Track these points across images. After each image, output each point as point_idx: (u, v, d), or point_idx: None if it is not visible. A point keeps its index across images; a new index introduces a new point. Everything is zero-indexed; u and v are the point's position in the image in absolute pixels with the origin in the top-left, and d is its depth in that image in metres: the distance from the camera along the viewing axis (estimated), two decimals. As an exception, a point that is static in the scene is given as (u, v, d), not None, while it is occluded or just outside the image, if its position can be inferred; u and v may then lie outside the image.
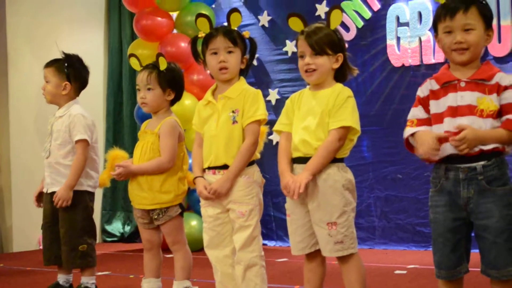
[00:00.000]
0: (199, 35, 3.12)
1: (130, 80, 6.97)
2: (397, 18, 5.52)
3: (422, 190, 5.29)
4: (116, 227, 7.06)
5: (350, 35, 5.72)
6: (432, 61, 5.32)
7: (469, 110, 2.40)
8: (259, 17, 6.28)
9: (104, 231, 7.07)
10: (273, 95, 6.15)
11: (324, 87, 2.81)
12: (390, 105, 5.57)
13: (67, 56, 3.92)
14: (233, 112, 3.02)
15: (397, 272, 4.36)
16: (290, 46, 6.04)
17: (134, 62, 3.57)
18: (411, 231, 5.45)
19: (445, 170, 2.45)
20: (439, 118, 2.46)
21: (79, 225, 3.74)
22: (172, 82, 3.42)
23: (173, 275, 3.41)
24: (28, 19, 6.55)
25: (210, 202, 3.05)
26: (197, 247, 4.75)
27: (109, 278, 4.56)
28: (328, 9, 2.84)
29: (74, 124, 3.76)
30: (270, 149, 4.53)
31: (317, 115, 2.75)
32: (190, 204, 5.69)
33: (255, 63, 6.12)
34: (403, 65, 5.49)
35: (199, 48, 3.16)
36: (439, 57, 5.23)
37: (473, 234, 2.47)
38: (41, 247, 4.03)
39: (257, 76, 6.22)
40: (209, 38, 3.07)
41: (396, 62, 5.52)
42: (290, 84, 5.99)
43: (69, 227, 3.72)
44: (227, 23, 3.12)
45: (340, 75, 2.86)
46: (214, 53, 3.06)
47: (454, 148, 2.37)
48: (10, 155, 6.37)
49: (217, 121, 3.04)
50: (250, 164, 3.03)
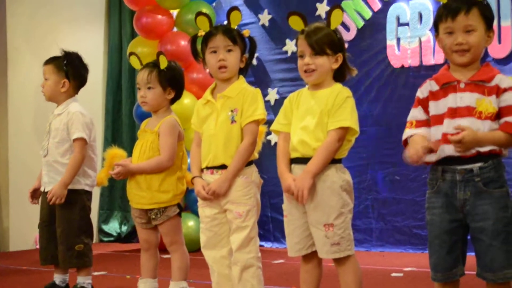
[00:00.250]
0: (199, 34, 3.11)
1: (130, 79, 6.96)
2: (398, 18, 5.51)
3: (420, 192, 5.26)
4: (113, 227, 7.04)
5: (350, 35, 5.72)
6: (432, 62, 5.31)
7: (468, 112, 2.40)
8: (260, 16, 6.28)
9: (101, 231, 7.05)
10: (273, 95, 6.13)
11: (323, 87, 2.80)
12: (389, 106, 5.56)
13: (67, 54, 3.91)
14: (232, 112, 3.00)
15: (394, 275, 4.35)
16: (290, 46, 6.03)
17: (134, 60, 3.56)
18: (408, 234, 5.43)
19: (442, 172, 2.45)
20: (439, 120, 2.45)
21: (76, 225, 3.73)
22: (173, 81, 3.41)
23: (170, 276, 3.39)
24: (28, 18, 6.54)
25: (208, 203, 3.03)
26: (194, 248, 4.73)
27: (106, 278, 4.55)
28: (329, 9, 2.83)
29: (72, 122, 3.75)
30: (268, 149, 4.52)
31: (316, 115, 2.74)
32: (188, 205, 5.67)
33: (255, 62, 6.11)
34: (403, 66, 5.49)
35: (199, 47, 3.15)
36: (439, 58, 5.22)
37: (469, 237, 2.46)
38: (38, 247, 4.01)
39: (257, 76, 6.21)
40: (209, 37, 3.06)
41: (396, 63, 5.51)
42: (290, 84, 5.96)
43: (66, 227, 3.71)
44: (227, 22, 3.11)
45: (339, 75, 2.84)
46: (214, 52, 3.04)
47: (453, 147, 2.36)
48: (8, 154, 6.36)
49: (216, 121, 3.02)
50: (249, 164, 3.01)
